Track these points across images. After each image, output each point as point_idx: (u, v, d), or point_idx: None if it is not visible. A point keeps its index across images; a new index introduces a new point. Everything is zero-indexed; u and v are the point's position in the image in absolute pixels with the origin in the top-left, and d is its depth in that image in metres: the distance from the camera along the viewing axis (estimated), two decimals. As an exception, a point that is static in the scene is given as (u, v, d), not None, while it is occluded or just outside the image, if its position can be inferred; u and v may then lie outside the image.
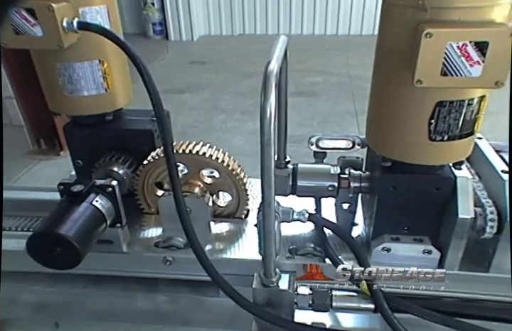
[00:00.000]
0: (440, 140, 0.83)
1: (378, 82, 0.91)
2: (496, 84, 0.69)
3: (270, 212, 0.77)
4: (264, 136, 0.65)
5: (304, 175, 1.06)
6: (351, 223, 1.18)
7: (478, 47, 0.67)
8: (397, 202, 0.96)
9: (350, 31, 6.96)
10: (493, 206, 0.93)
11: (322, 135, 1.10)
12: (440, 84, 0.71)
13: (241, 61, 5.81)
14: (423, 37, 0.67)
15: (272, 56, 0.68)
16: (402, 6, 0.75)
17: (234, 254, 1.09)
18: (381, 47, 0.87)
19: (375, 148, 0.97)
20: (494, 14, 0.70)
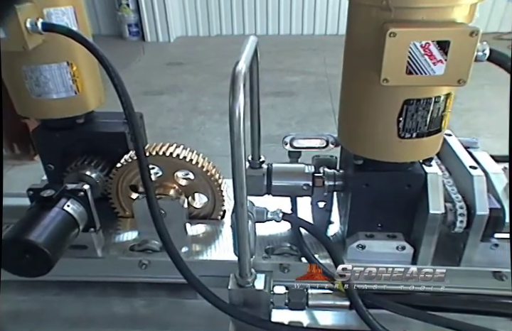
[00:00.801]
0: (409, 137, 0.85)
1: (347, 81, 0.92)
2: (458, 82, 0.71)
3: (243, 213, 0.77)
4: (233, 136, 0.65)
5: (279, 174, 1.07)
6: (327, 221, 1.19)
7: (441, 46, 0.68)
8: (370, 200, 0.97)
9: (327, 31, 7.01)
10: (463, 201, 0.95)
11: (296, 134, 1.10)
12: (406, 83, 0.72)
13: (219, 62, 5.79)
14: (387, 36, 0.68)
15: (240, 57, 0.68)
16: (367, 6, 0.76)
17: (211, 256, 1.09)
18: (349, 46, 0.88)
19: (346, 146, 0.98)
20: (455, 14, 0.72)
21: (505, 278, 0.99)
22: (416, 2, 0.70)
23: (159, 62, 6.06)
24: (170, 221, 1.06)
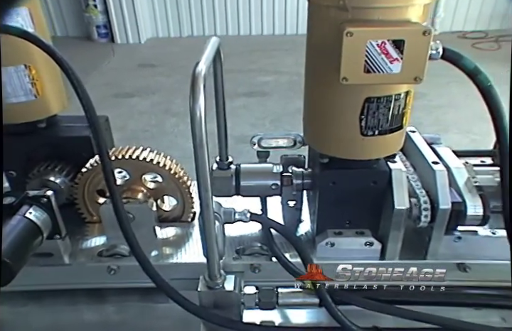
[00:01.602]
0: (371, 135, 0.87)
1: (310, 81, 0.93)
2: (415, 80, 0.73)
3: (209, 214, 0.77)
4: (195, 138, 0.65)
5: (247, 175, 1.07)
6: (297, 220, 1.20)
7: (396, 45, 0.70)
8: (338, 197, 0.99)
9: (298, 31, 7.06)
10: (427, 196, 0.97)
11: (264, 134, 1.11)
12: (364, 81, 0.73)
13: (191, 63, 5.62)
14: (344, 36, 0.69)
15: (200, 58, 0.67)
16: (325, 6, 0.77)
17: (181, 258, 1.08)
18: (309, 46, 0.89)
19: (312, 145, 0.99)
20: (410, 14, 0.74)
21: (469, 270, 1.02)
22: (372, 2, 0.72)
23: (130, 64, 5.96)
24: (138, 225, 1.05)
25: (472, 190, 0.98)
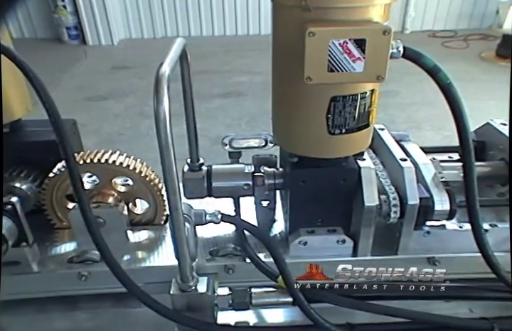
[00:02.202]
0: (339, 133, 0.88)
1: (276, 81, 0.93)
2: (377, 79, 0.74)
3: (178, 217, 0.76)
4: (161, 140, 0.64)
5: (219, 176, 1.06)
6: (271, 220, 1.21)
7: (358, 45, 0.71)
8: (309, 196, 0.99)
9: (273, 31, 7.09)
10: (396, 192, 0.99)
11: (235, 135, 1.11)
12: (328, 80, 0.74)
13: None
14: (307, 36, 0.69)
15: (164, 59, 0.67)
16: (289, 6, 0.78)
17: (154, 262, 1.07)
18: (275, 46, 0.89)
19: (281, 144, 1.00)
20: (371, 14, 0.75)
21: (438, 263, 1.05)
22: (334, 2, 0.73)
23: (103, 66, 5.86)
24: (110, 230, 1.04)
25: (439, 186, 1.01)
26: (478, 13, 6.87)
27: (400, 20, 6.84)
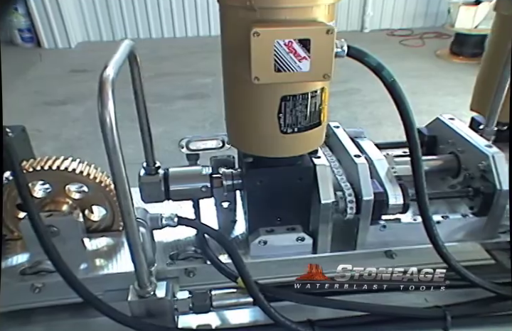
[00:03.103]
0: (291, 132, 0.88)
1: (227, 81, 0.93)
2: (324, 77, 0.75)
3: (131, 222, 0.75)
4: (108, 144, 0.63)
5: (176, 179, 1.05)
6: (232, 221, 1.21)
7: (303, 44, 0.72)
8: (266, 196, 1.00)
9: (235, 31, 7.08)
10: (351, 188, 1.01)
11: (192, 137, 1.10)
12: (275, 80, 0.75)
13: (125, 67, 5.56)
14: (252, 36, 0.70)
15: (108, 62, 0.65)
16: (234, 7, 0.78)
17: (114, 269, 1.05)
18: (223, 47, 0.89)
19: (235, 145, 1.00)
20: (315, 14, 0.76)
21: (395, 256, 1.07)
22: (278, 2, 0.73)
23: (61, 70, 5.67)
24: (65, 238, 1.01)
25: (392, 180, 1.03)
26: (432, 12, 7.12)
27: (359, 20, 6.98)
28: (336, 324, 1.01)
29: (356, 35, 7.19)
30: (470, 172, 1.13)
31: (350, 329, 1.02)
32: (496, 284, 1.03)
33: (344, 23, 6.95)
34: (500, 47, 1.11)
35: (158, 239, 1.08)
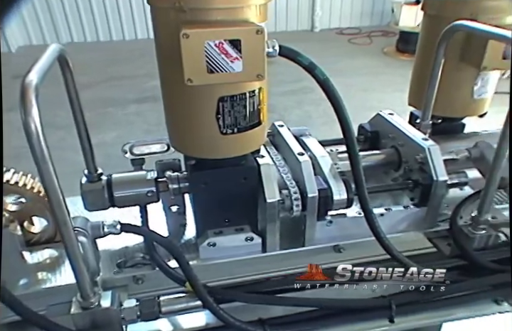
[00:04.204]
0: (231, 133, 0.88)
1: (163, 84, 0.92)
2: (257, 77, 0.76)
3: (68, 232, 0.72)
4: (36, 154, 0.60)
5: (120, 185, 1.02)
6: (182, 224, 1.19)
7: (234, 45, 0.72)
8: (212, 197, 0.99)
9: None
10: (296, 186, 1.02)
11: (135, 142, 1.08)
12: (209, 81, 0.75)
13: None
14: (181, 37, 0.69)
15: (31, 67, 0.62)
16: (165, 8, 0.77)
17: (58, 281, 1.00)
18: (158, 49, 0.88)
19: (176, 148, 0.99)
20: (246, 14, 0.77)
21: (343, 250, 1.09)
22: (208, 3, 0.73)
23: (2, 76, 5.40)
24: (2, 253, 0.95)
25: (336, 176, 1.06)
26: (377, 10, 7.38)
27: (309, 19, 7.12)
28: (286, 321, 1.01)
29: (307, 35, 7.33)
30: (409, 165, 1.17)
31: (301, 325, 1.03)
32: (435, 271, 1.08)
33: (295, 23, 7.06)
34: (429, 46, 1.16)
35: (105, 247, 1.05)
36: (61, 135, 3.98)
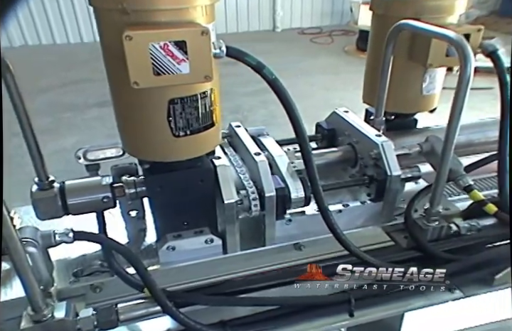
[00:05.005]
0: (184, 135, 0.87)
1: (112, 87, 0.90)
2: (205, 78, 0.75)
3: (14, 243, 0.70)
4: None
5: (73, 192, 0.99)
6: (141, 229, 1.17)
7: (179, 46, 0.71)
8: (169, 201, 0.98)
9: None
10: (254, 186, 1.02)
11: (89, 147, 1.05)
12: (156, 84, 0.74)
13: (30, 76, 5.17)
14: (124, 40, 0.68)
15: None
16: (108, 10, 0.75)
17: (7, 296, 0.96)
18: (104, 52, 0.86)
19: (129, 152, 0.97)
20: (192, 15, 0.76)
21: (304, 248, 1.10)
22: (152, 4, 0.72)
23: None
24: None
25: (293, 175, 1.07)
26: (337, 10, 7.53)
27: (271, 20, 7.17)
28: (248, 321, 1.01)
29: (269, 35, 7.38)
30: (365, 161, 1.20)
31: (263, 324, 1.03)
32: (392, 262, 1.11)
33: (256, 23, 7.09)
34: (379, 44, 1.19)
35: (60, 256, 1.03)
36: (17, 142, 3.84)
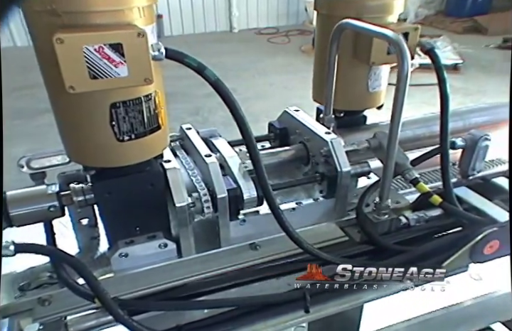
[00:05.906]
0: (129, 139, 0.86)
1: (49, 92, 0.87)
2: (145, 81, 0.74)
3: None
4: None
5: (16, 202, 0.95)
6: (93, 237, 1.14)
7: (115, 49, 0.70)
8: (119, 207, 0.96)
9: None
10: (206, 188, 1.02)
11: (33, 155, 1.01)
12: (93, 88, 0.72)
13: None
14: (55, 43, 0.66)
15: None
16: (37, 12, 0.72)
17: None
18: (37, 56, 0.82)
19: (73, 159, 0.94)
20: (128, 17, 0.74)
21: (259, 248, 1.10)
22: (85, 6, 0.70)
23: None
24: None
25: (245, 175, 1.07)
26: (293, 10, 7.63)
27: (227, 20, 7.16)
28: (205, 324, 1.01)
29: (227, 35, 7.37)
30: (316, 159, 1.22)
31: (219, 326, 1.03)
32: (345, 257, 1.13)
33: (213, 24, 7.06)
34: (324, 43, 1.21)
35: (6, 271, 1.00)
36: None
